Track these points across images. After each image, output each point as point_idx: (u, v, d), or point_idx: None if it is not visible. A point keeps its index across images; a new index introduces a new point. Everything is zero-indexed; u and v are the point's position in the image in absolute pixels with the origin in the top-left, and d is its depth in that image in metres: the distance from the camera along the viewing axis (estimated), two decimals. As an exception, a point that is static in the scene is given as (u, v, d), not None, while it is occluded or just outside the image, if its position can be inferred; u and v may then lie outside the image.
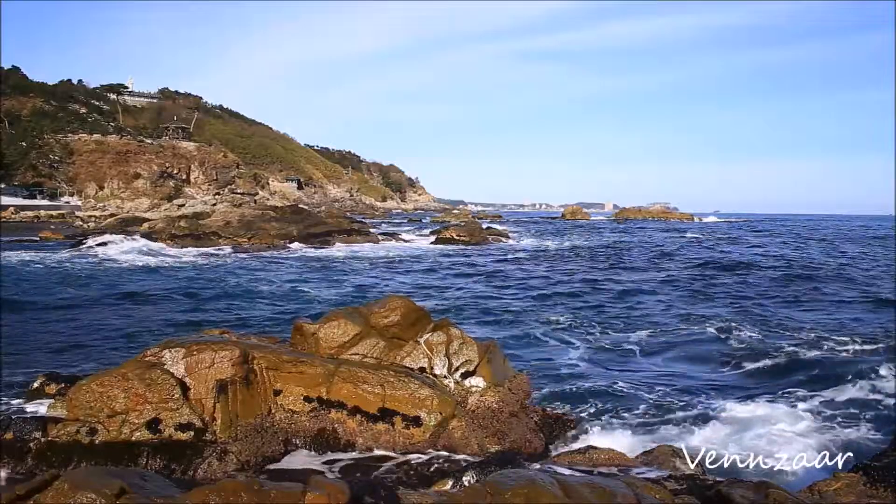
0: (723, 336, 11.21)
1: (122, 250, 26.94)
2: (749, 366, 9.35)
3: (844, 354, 9.80)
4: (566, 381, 8.44)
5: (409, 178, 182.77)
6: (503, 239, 40.69)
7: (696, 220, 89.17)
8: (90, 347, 9.73)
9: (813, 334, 11.15)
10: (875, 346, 10.10)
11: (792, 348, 10.03)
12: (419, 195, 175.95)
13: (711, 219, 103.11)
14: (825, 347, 10.14)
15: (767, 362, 9.39)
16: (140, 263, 23.75)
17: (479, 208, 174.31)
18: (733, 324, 12.04)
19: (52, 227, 45.49)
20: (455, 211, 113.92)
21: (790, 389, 8.03)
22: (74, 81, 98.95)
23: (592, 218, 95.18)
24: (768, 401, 7.48)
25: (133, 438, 5.01)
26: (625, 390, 8.01)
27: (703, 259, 26.99)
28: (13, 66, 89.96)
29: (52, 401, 6.09)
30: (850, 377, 8.31)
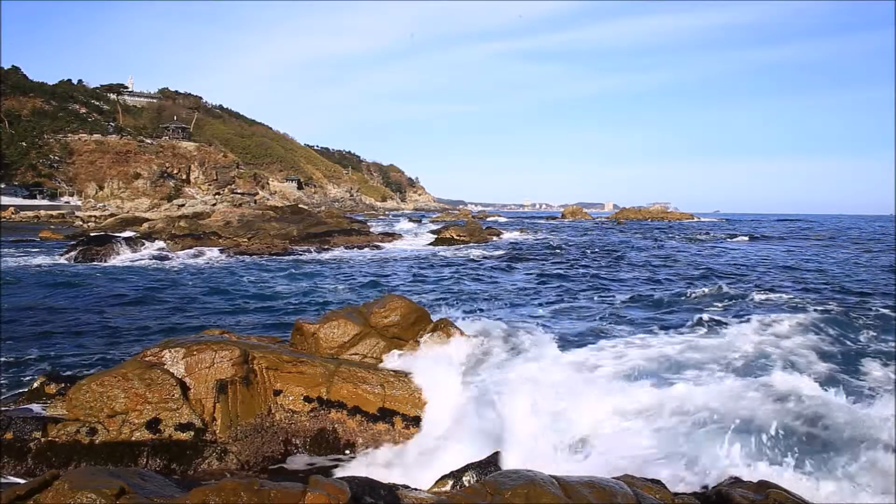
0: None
1: (122, 250, 26.92)
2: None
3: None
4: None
5: (409, 178, 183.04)
6: (502, 239, 40.90)
7: (695, 219, 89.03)
8: (90, 347, 9.72)
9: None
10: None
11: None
12: (419, 195, 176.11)
13: (712, 219, 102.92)
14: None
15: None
16: (139, 263, 23.76)
17: (479, 208, 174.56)
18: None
19: (51, 227, 45.46)
20: (455, 211, 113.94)
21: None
22: (74, 81, 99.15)
23: (592, 218, 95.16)
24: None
25: (133, 438, 5.01)
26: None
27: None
28: (13, 66, 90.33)
29: (52, 401, 6.09)
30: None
